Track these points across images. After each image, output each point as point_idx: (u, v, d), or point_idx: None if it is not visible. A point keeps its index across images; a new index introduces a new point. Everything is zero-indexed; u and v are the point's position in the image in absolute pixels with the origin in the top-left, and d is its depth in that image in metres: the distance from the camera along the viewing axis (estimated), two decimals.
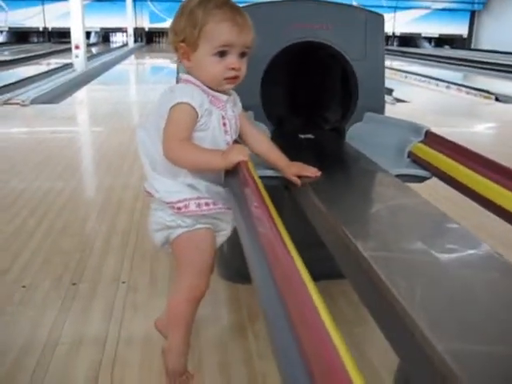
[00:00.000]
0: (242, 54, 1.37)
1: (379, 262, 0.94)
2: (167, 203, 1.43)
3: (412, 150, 1.73)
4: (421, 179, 1.66)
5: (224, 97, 1.42)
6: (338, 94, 2.19)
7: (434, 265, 0.97)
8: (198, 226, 1.46)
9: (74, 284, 2.14)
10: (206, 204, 1.44)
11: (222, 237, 1.58)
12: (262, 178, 1.36)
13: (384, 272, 0.91)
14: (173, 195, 1.42)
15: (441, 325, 0.77)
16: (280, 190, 1.60)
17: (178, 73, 1.95)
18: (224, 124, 1.43)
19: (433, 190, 1.90)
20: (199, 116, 1.34)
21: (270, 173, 1.55)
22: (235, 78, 1.38)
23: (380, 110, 2.01)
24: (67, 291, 2.09)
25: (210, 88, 1.39)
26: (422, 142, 1.73)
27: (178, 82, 1.49)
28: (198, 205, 1.43)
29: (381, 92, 2.05)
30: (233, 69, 1.36)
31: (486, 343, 0.74)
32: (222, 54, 1.34)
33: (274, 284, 0.86)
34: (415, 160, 1.71)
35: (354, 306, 1.98)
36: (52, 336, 1.81)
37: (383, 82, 2.04)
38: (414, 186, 1.52)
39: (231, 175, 1.35)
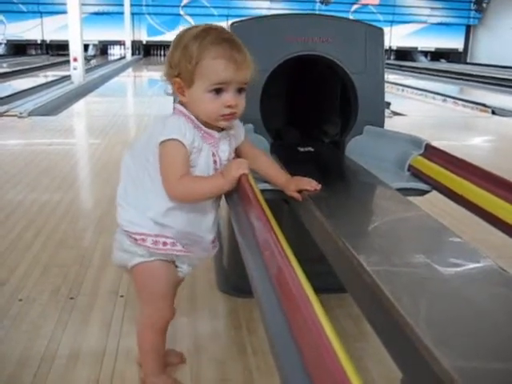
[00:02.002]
0: (240, 90, 1.34)
1: (382, 277, 0.93)
2: (125, 231, 1.42)
3: (412, 163, 1.73)
4: (421, 192, 1.66)
5: (217, 134, 1.40)
6: (337, 107, 2.19)
7: (438, 279, 0.96)
8: (155, 257, 1.44)
9: (71, 298, 2.12)
10: (164, 243, 1.41)
11: (179, 273, 1.54)
12: (261, 191, 1.36)
13: (387, 287, 0.90)
14: (133, 226, 1.40)
15: (447, 341, 0.76)
16: (280, 204, 1.60)
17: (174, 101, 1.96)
18: (215, 161, 1.40)
19: (431, 203, 1.90)
20: (189, 153, 1.33)
21: (269, 186, 1.54)
22: (232, 114, 1.35)
23: (380, 123, 2.00)
24: (65, 304, 2.07)
25: (204, 123, 1.37)
26: (421, 155, 1.73)
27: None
28: (155, 242, 1.40)
29: (381, 105, 2.05)
30: (229, 106, 1.33)
31: (493, 360, 0.73)
32: (217, 91, 1.31)
33: (276, 298, 0.85)
34: (415, 173, 1.71)
35: (353, 321, 1.96)
36: (49, 350, 1.79)
37: (383, 96, 2.04)
38: (412, 199, 1.52)
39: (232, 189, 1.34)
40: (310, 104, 2.37)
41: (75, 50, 10.44)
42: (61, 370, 1.70)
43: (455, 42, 24.80)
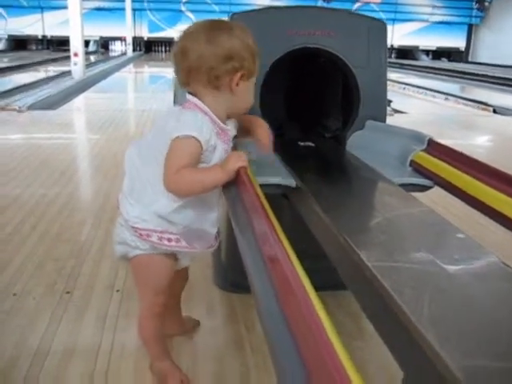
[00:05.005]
0: None
1: (384, 273, 0.90)
2: (131, 227, 1.40)
3: (414, 158, 1.70)
4: (423, 188, 1.63)
5: (229, 130, 1.40)
6: (339, 101, 2.16)
7: (441, 276, 0.93)
8: (156, 251, 1.44)
9: (67, 292, 2.09)
10: (169, 240, 1.41)
11: (178, 265, 1.56)
12: (260, 186, 1.33)
13: (389, 283, 0.87)
14: (139, 222, 1.39)
15: (451, 339, 0.73)
16: (279, 199, 1.57)
17: (175, 96, 1.92)
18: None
19: (431, 200, 1.87)
20: (203, 150, 1.30)
21: (269, 180, 1.51)
22: None
23: (381, 118, 1.97)
24: (60, 299, 2.04)
25: (221, 117, 1.37)
26: (424, 150, 1.70)
27: (175, 101, 1.45)
28: (160, 238, 1.40)
29: (383, 100, 2.02)
30: None
31: (499, 359, 0.71)
32: None
33: (273, 292, 0.82)
34: (417, 169, 1.68)
35: (352, 319, 1.93)
36: (43, 345, 1.76)
37: (385, 90, 2.00)
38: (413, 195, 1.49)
39: (230, 181, 1.31)
40: (311, 98, 2.33)
41: (76, 46, 10.41)
42: (55, 365, 1.67)
43: (457, 41, 24.74)
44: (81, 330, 1.86)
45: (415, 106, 8.98)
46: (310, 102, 2.33)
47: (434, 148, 1.68)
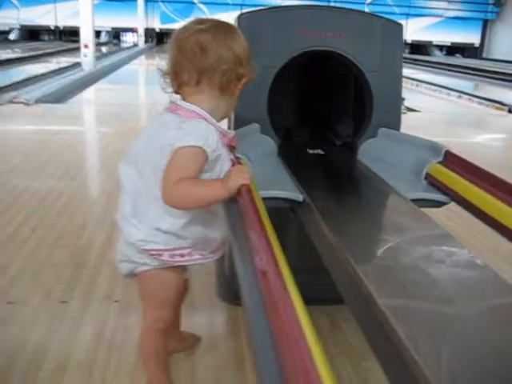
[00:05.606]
0: None
1: (396, 314, 0.81)
2: (142, 249, 1.32)
3: (430, 171, 1.60)
4: (438, 204, 1.53)
5: (229, 132, 1.33)
6: (350, 106, 2.06)
7: (462, 319, 0.83)
8: (166, 266, 1.36)
9: (63, 302, 2.02)
10: (181, 255, 1.34)
11: (188, 275, 1.47)
12: (265, 199, 1.25)
13: (402, 328, 0.78)
14: (147, 244, 1.31)
15: None
16: (286, 212, 1.49)
17: None
18: (233, 164, 1.32)
19: (449, 210, 1.77)
20: (209, 160, 1.21)
21: (275, 194, 1.43)
22: None
23: (396, 125, 1.87)
24: (56, 309, 1.97)
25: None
26: (440, 162, 1.61)
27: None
28: (172, 256, 1.33)
29: (397, 106, 1.92)
30: None
31: None
32: None
33: (263, 313, 0.77)
34: (433, 183, 1.59)
35: (361, 336, 1.83)
36: (36, 359, 1.69)
37: (400, 96, 1.91)
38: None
39: (231, 198, 1.22)
40: (321, 103, 2.24)
41: (86, 37, 10.34)
42: (48, 377, 1.61)
43: (471, 37, 24.44)
44: (76, 344, 1.78)
45: (428, 103, 8.81)
46: (321, 106, 2.23)
47: (452, 161, 1.59)
